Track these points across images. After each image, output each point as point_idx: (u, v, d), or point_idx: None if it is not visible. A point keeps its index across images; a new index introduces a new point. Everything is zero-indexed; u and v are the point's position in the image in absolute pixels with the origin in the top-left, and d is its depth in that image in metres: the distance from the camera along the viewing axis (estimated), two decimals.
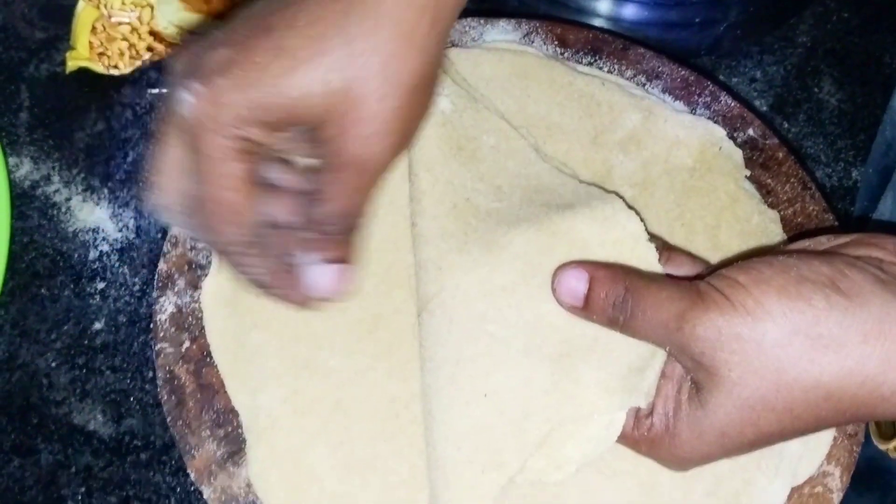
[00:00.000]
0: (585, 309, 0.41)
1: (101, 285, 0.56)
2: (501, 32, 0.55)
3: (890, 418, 0.38)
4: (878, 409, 0.36)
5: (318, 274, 0.40)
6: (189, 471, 0.45)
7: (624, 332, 0.41)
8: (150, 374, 0.54)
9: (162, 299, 0.48)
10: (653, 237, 0.44)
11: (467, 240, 0.45)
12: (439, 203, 0.46)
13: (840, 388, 0.36)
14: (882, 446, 0.40)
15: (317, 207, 0.40)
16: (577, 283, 0.41)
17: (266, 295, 0.41)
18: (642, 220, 0.44)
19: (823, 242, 0.42)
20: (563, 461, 0.41)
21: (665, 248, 0.45)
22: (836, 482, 0.46)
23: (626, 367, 0.42)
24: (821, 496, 0.46)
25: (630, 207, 0.45)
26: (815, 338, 0.36)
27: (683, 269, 0.44)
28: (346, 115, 0.38)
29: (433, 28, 0.39)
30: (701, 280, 0.39)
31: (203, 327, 0.47)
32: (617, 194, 0.47)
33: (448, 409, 0.42)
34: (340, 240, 0.40)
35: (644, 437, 0.41)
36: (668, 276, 0.43)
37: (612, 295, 0.40)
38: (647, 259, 0.43)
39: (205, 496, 0.44)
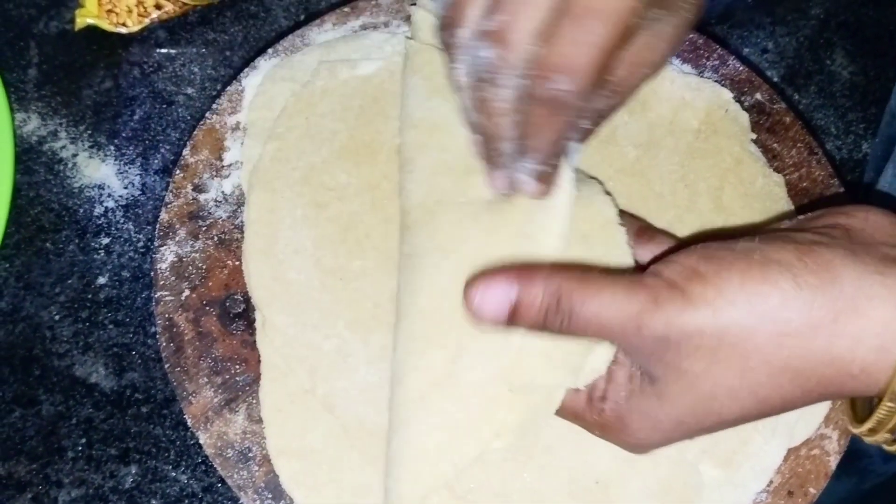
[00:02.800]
0: (513, 321, 0.37)
1: (105, 241, 0.56)
2: None
3: (857, 395, 0.36)
4: (846, 387, 0.35)
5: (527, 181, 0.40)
6: (186, 416, 0.45)
7: (564, 335, 0.38)
8: (153, 329, 0.54)
9: (163, 248, 0.48)
10: (634, 218, 0.44)
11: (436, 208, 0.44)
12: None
13: (807, 368, 0.35)
14: (855, 430, 0.38)
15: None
16: (504, 296, 0.37)
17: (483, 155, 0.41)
18: (616, 205, 0.43)
19: (793, 224, 0.40)
20: (502, 428, 0.41)
21: (648, 229, 0.43)
22: (833, 445, 0.45)
23: (573, 343, 0.40)
24: (817, 458, 0.45)
25: (608, 193, 0.44)
26: (784, 322, 0.34)
27: (662, 248, 0.42)
28: None
29: None
30: (648, 272, 0.37)
31: (203, 276, 0.48)
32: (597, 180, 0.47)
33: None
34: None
35: (596, 421, 0.40)
36: (605, 269, 0.39)
37: (546, 300, 0.36)
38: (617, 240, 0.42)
39: (201, 441, 0.44)
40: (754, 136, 0.52)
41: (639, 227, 0.43)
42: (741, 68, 0.54)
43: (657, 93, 0.52)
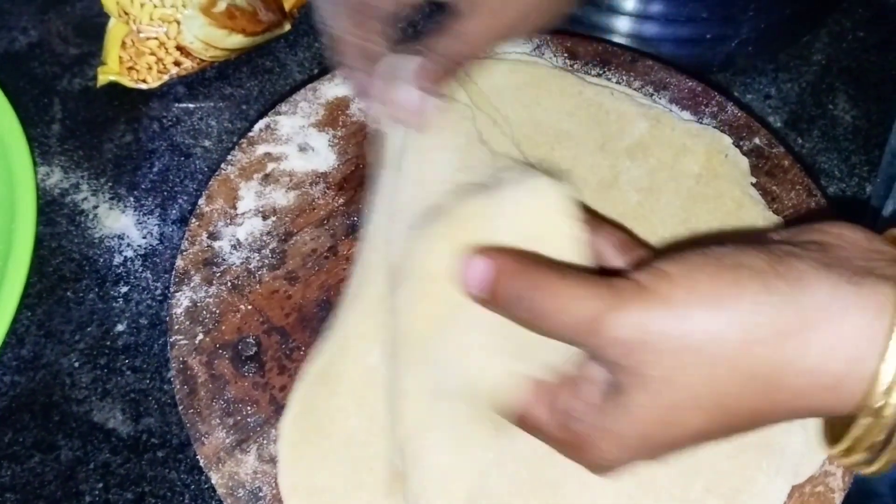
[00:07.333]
0: (493, 302, 0.38)
1: (124, 289, 0.58)
2: (513, 44, 0.56)
3: (832, 412, 0.34)
4: (818, 400, 0.34)
5: (409, 94, 0.46)
6: (199, 457, 0.46)
7: (535, 332, 0.37)
8: (169, 374, 0.55)
9: (178, 294, 0.50)
10: (616, 228, 0.43)
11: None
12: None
13: (777, 377, 0.33)
14: (831, 450, 0.36)
15: (452, 40, 0.47)
16: (483, 274, 0.37)
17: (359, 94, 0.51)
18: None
19: (769, 237, 0.38)
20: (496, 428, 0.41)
21: (629, 243, 0.41)
22: (838, 482, 0.46)
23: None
24: (822, 496, 0.45)
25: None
26: (752, 327, 0.33)
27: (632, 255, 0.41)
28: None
29: None
30: (621, 275, 0.35)
31: (217, 321, 0.49)
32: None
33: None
34: (448, 73, 0.47)
35: (565, 439, 0.38)
36: (586, 269, 0.39)
37: (517, 290, 0.36)
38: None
39: (213, 481, 0.45)
40: (754, 179, 0.53)
41: (620, 240, 0.42)
42: (739, 114, 0.55)
43: (658, 139, 0.53)
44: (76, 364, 0.56)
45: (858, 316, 0.32)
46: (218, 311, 0.50)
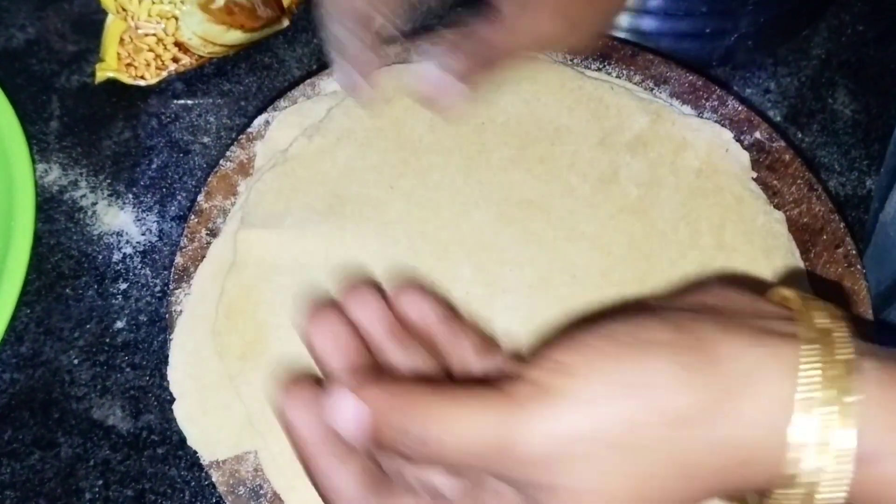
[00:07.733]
0: (377, 445, 0.32)
1: (123, 286, 0.58)
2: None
3: (748, 487, 0.31)
4: (731, 476, 0.30)
5: (430, 70, 0.47)
6: (199, 455, 0.46)
7: (429, 465, 0.33)
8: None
9: (177, 292, 0.50)
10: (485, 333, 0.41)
11: None
12: None
13: (700, 462, 0.30)
14: None
15: (496, 30, 0.46)
16: (357, 416, 0.32)
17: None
18: None
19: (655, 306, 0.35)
20: None
21: (488, 343, 0.39)
22: None
23: None
24: None
25: None
26: (672, 411, 0.29)
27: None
28: None
29: None
30: (503, 378, 0.31)
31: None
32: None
33: None
34: (480, 63, 0.47)
35: None
36: (470, 380, 0.36)
37: (401, 425, 0.31)
38: None
39: (213, 479, 0.45)
40: (755, 174, 0.53)
41: (480, 342, 0.38)
42: (740, 108, 0.55)
43: (658, 133, 0.53)
44: (75, 361, 0.56)
45: (767, 381, 0.30)
46: None
